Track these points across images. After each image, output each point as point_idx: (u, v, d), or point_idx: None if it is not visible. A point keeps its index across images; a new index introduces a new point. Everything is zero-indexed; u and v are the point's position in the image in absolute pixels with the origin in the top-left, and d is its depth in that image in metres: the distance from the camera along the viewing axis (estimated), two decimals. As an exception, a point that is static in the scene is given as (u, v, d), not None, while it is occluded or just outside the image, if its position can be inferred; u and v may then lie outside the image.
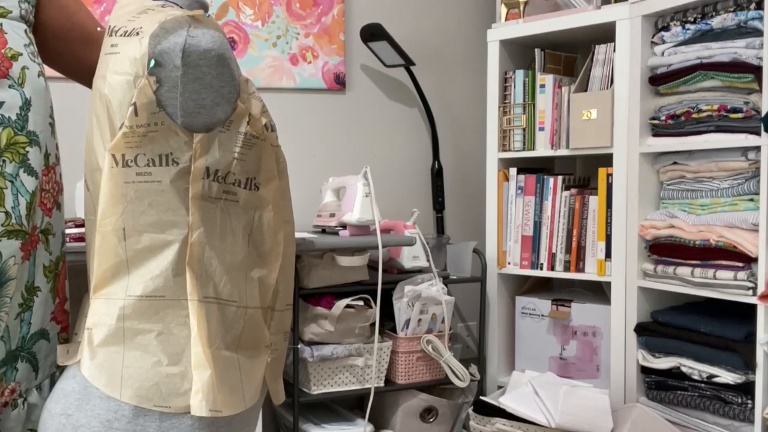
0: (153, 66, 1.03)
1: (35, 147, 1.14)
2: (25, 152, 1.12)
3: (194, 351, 1.08)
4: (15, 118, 1.11)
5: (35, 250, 1.15)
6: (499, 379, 2.45)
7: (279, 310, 1.23)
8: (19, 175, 1.11)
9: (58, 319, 1.23)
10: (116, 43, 1.07)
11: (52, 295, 1.20)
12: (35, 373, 1.18)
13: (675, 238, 2.02)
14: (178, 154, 1.06)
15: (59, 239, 1.22)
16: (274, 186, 1.17)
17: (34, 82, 1.14)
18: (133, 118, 1.04)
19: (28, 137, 1.13)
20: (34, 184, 1.13)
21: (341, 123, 2.55)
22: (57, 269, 1.22)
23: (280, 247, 1.19)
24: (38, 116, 1.15)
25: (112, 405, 1.06)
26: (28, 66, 1.14)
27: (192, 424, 1.08)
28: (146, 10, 1.09)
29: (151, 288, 1.07)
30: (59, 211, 1.23)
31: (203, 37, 1.05)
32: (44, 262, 1.18)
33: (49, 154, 1.18)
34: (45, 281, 1.18)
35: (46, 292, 1.18)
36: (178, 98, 1.05)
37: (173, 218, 1.07)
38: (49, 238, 1.19)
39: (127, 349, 1.07)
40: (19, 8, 1.15)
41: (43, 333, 1.19)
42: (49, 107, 1.19)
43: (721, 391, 1.91)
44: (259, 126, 1.13)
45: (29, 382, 1.18)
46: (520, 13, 2.41)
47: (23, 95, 1.12)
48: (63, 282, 1.25)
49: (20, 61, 1.12)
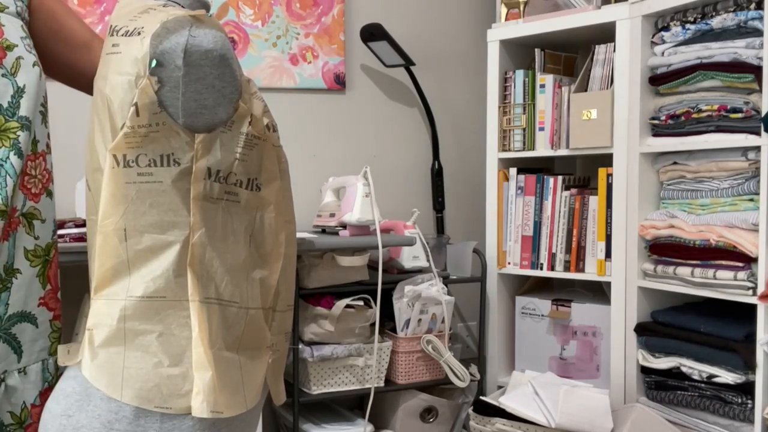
0: (155, 66, 1.03)
1: (26, 132, 1.16)
2: (16, 137, 1.14)
3: (195, 352, 1.08)
4: (6, 106, 1.13)
5: (15, 232, 1.16)
6: (499, 379, 2.45)
7: (280, 311, 1.23)
8: (9, 158, 1.13)
9: (50, 306, 1.23)
10: (118, 43, 1.07)
11: (41, 280, 1.20)
12: (17, 356, 1.18)
13: (675, 238, 2.02)
14: (179, 154, 1.06)
15: (49, 227, 1.23)
16: (276, 186, 1.17)
17: (29, 71, 1.17)
18: (135, 118, 1.04)
19: (19, 122, 1.15)
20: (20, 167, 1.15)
21: (341, 123, 2.55)
22: (48, 256, 1.22)
23: (281, 248, 1.19)
24: (30, 103, 1.17)
25: (113, 406, 1.06)
26: (23, 56, 1.16)
27: (193, 425, 1.08)
28: (148, 9, 1.09)
29: (152, 289, 1.07)
30: (49, 199, 1.23)
31: (205, 37, 1.05)
32: (27, 246, 1.18)
33: (38, 140, 1.20)
34: (28, 265, 1.18)
35: (30, 276, 1.19)
36: (179, 98, 1.04)
37: (174, 219, 1.07)
38: (34, 223, 1.19)
39: (128, 350, 1.07)
40: (15, 5, 1.19)
41: (27, 316, 1.19)
42: (42, 96, 1.21)
43: (721, 391, 1.91)
44: (261, 126, 1.13)
45: (8, 364, 1.17)
46: (520, 13, 2.41)
47: (15, 84, 1.15)
48: (55, 270, 1.25)
49: (15, 52, 1.15)
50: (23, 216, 1.18)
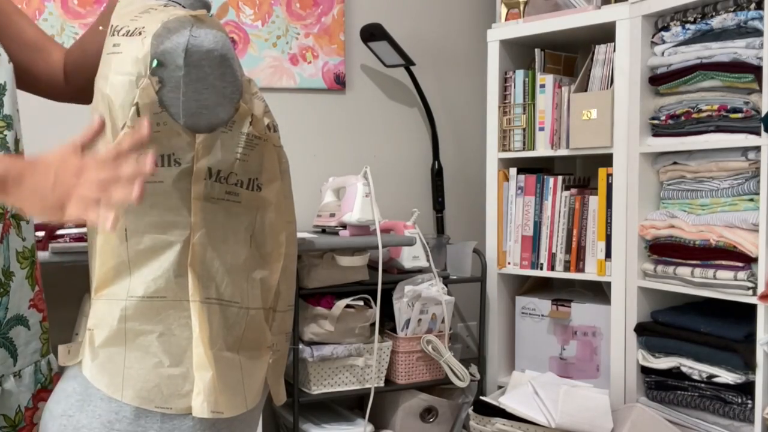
0: (155, 66, 1.03)
1: (12, 131, 1.15)
2: (3, 136, 1.13)
3: (196, 352, 1.08)
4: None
5: (8, 234, 1.15)
6: (499, 379, 2.45)
7: (280, 311, 1.23)
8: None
9: (39, 307, 1.23)
10: (118, 43, 1.07)
11: (29, 282, 1.20)
12: (13, 360, 1.18)
13: (675, 238, 2.02)
14: (180, 154, 1.06)
15: (31, 227, 1.23)
16: (276, 187, 1.17)
17: (6, 68, 1.15)
18: (136, 118, 1.04)
19: (5, 121, 1.14)
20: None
21: (341, 123, 2.55)
22: (33, 256, 1.22)
23: (282, 248, 1.19)
24: (10, 100, 1.16)
25: (113, 406, 1.06)
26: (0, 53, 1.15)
27: (193, 425, 1.07)
28: (149, 9, 1.09)
29: (153, 289, 1.07)
30: None
31: (206, 37, 1.04)
32: (17, 248, 1.18)
33: (19, 139, 1.19)
34: (19, 267, 1.18)
35: (21, 278, 1.18)
36: (180, 98, 1.04)
37: (175, 219, 1.07)
38: (21, 224, 1.19)
39: (129, 350, 1.07)
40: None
41: (21, 319, 1.19)
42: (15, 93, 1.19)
43: (721, 391, 1.91)
44: (262, 126, 1.12)
45: (6, 368, 1.17)
46: (520, 13, 2.41)
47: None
48: (39, 270, 1.25)
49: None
50: (12, 217, 1.17)
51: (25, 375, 1.20)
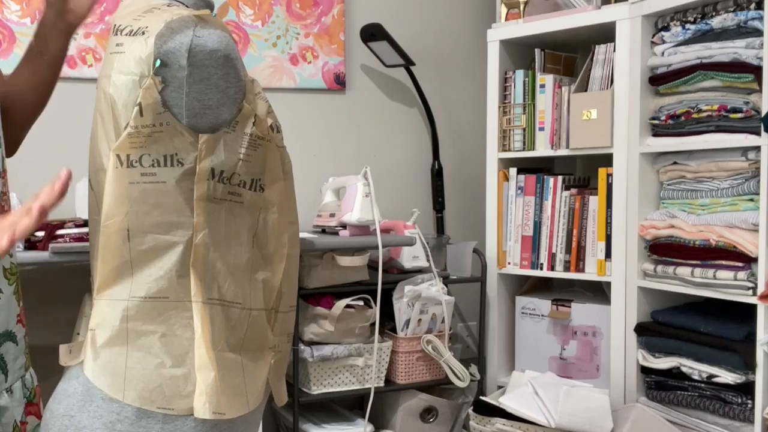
0: (159, 66, 1.03)
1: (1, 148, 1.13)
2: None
3: (198, 353, 1.07)
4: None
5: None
6: (499, 379, 2.45)
7: (282, 312, 1.23)
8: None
9: (23, 322, 1.22)
10: (121, 42, 1.06)
11: (16, 297, 1.19)
12: (4, 376, 1.17)
13: (675, 238, 2.02)
14: (183, 154, 1.05)
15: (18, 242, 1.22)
16: (279, 187, 1.17)
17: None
18: (138, 118, 1.03)
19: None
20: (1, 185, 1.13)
21: (341, 123, 2.55)
22: (16, 272, 1.21)
23: (284, 249, 1.19)
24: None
25: (115, 406, 1.06)
26: None
27: (195, 426, 1.07)
28: (152, 9, 1.09)
29: (155, 289, 1.07)
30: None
31: (209, 37, 1.04)
32: (5, 265, 1.17)
33: (4, 157, 1.17)
34: (7, 283, 1.17)
35: (9, 294, 1.18)
36: (183, 99, 1.04)
37: (178, 219, 1.06)
38: None
39: (131, 351, 1.07)
40: None
41: (10, 335, 1.18)
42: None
43: (721, 391, 1.92)
44: (265, 127, 1.12)
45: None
46: (520, 13, 2.41)
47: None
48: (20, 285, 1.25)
49: None
50: None
51: (16, 390, 1.19)
